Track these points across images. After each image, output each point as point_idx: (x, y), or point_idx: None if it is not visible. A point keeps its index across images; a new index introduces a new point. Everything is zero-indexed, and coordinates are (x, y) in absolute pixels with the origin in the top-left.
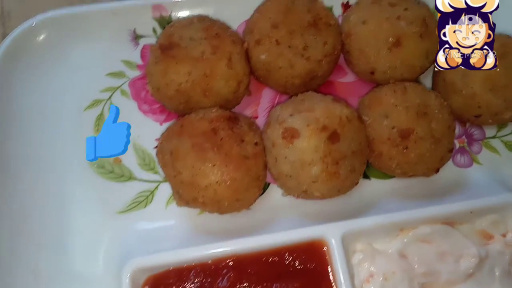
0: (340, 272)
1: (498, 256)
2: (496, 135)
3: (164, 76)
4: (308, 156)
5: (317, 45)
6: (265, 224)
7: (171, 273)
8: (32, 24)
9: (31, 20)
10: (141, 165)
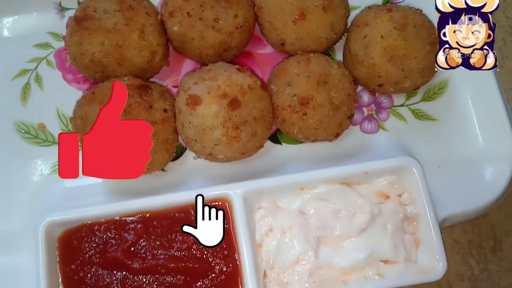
0: (240, 227)
1: (392, 214)
2: (404, 103)
3: (79, 47)
4: (209, 121)
5: (227, 17)
6: (179, 184)
7: (84, 227)
8: None
9: None
10: (64, 130)
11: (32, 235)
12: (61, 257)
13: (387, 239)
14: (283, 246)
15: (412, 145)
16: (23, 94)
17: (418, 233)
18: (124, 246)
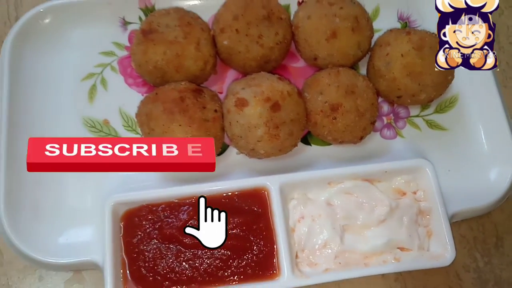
0: (276, 213)
1: (407, 208)
2: (419, 114)
3: (144, 55)
4: (254, 120)
5: (269, 34)
6: (223, 175)
7: (144, 207)
8: (39, 10)
9: (39, 6)
10: (125, 126)
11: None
12: (124, 232)
13: (403, 230)
14: (312, 231)
15: (425, 151)
16: (90, 94)
17: (430, 226)
18: (178, 224)
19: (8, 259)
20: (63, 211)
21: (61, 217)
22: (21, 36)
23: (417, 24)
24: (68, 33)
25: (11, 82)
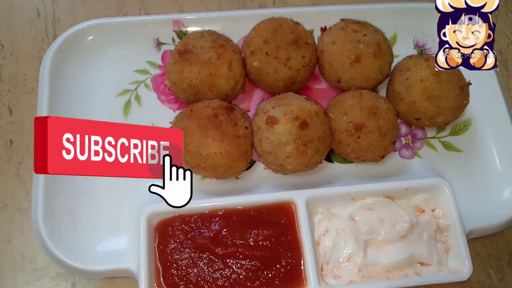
0: (303, 227)
1: (427, 225)
2: (435, 136)
3: (180, 74)
4: (283, 137)
5: (297, 57)
6: (250, 189)
7: (177, 218)
8: (84, 26)
9: (83, 24)
10: None
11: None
12: (158, 241)
13: (423, 245)
14: (337, 245)
15: (441, 170)
16: (125, 109)
17: (448, 242)
18: (210, 234)
19: (42, 265)
20: (99, 220)
21: (98, 225)
22: (61, 52)
23: (432, 51)
24: (106, 51)
25: (50, 96)
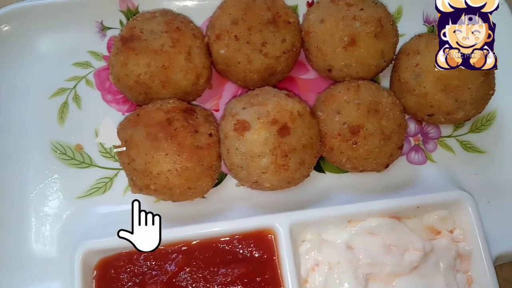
0: (286, 261)
1: (444, 251)
2: (452, 134)
3: (124, 67)
4: (257, 148)
5: (275, 41)
6: (219, 212)
7: (122, 256)
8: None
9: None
10: (102, 153)
11: (67, 262)
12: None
13: (439, 278)
14: (330, 282)
15: (460, 178)
16: (60, 113)
17: (471, 272)
18: (164, 277)
19: None
20: (23, 259)
21: (23, 267)
22: None
23: None
24: (34, 42)
25: None
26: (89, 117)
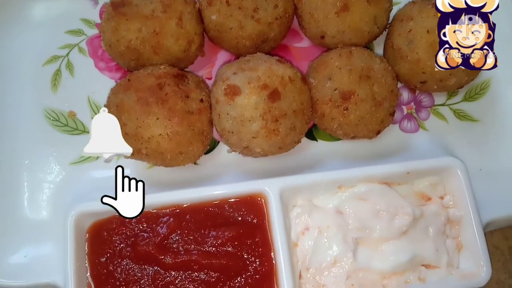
0: (276, 225)
1: (434, 217)
2: (446, 102)
3: (115, 33)
4: (248, 112)
5: (267, 7)
6: (211, 178)
7: (115, 219)
8: None
9: None
10: None
11: (61, 225)
12: (90, 249)
13: (428, 243)
14: (320, 246)
15: (453, 146)
16: (53, 81)
17: (461, 237)
18: (156, 239)
19: None
20: (17, 223)
21: (15, 230)
22: None
23: None
24: (26, 9)
25: None
26: (81, 84)
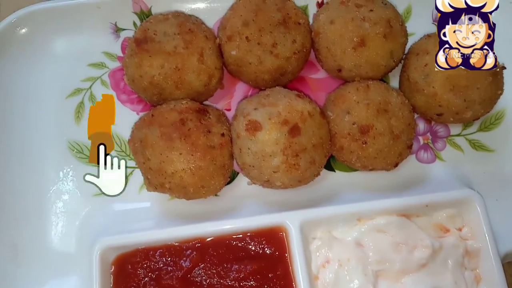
0: (297, 257)
1: (452, 249)
2: (461, 133)
3: (138, 69)
4: (269, 147)
5: (286, 42)
6: (232, 210)
7: (139, 252)
8: (12, 20)
9: (11, 16)
10: (118, 151)
11: (85, 258)
12: (115, 282)
13: (447, 275)
14: (340, 279)
15: (469, 177)
16: (77, 113)
17: (479, 269)
18: (179, 273)
19: None
20: (42, 256)
21: (40, 263)
22: None
23: None
24: (50, 43)
25: None
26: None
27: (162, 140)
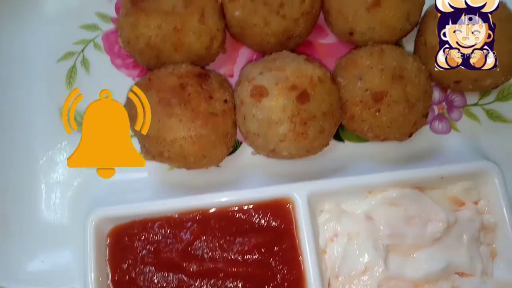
0: (304, 231)
1: (468, 223)
2: (478, 102)
3: (134, 29)
4: (275, 115)
5: (293, 2)
6: (235, 181)
7: (136, 224)
8: None
9: None
10: None
11: (79, 230)
12: (111, 255)
13: (463, 250)
14: (349, 253)
15: (486, 148)
16: (68, 78)
17: (495, 244)
18: (179, 246)
19: None
20: (33, 227)
21: (32, 234)
22: None
23: None
24: (39, 3)
25: None
26: (97, 82)
27: (160, 106)
